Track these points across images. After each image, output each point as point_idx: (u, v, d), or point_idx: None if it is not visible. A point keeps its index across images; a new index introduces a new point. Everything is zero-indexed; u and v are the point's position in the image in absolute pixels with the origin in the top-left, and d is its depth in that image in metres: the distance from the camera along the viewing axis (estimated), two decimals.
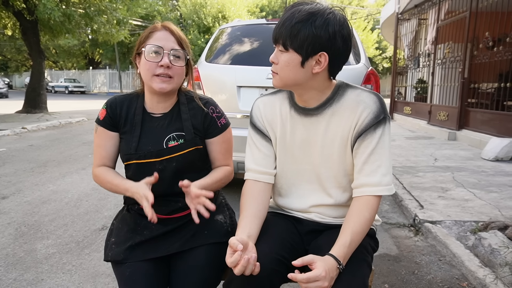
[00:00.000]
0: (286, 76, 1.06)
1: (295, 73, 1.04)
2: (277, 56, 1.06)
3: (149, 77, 1.20)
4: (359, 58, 3.12)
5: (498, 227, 2.44)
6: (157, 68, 1.18)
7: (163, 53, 1.18)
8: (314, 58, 1.02)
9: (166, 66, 1.18)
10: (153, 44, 1.18)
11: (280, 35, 1.02)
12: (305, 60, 1.02)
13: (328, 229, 1.17)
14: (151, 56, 1.18)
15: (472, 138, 6.13)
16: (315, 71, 1.04)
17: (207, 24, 21.72)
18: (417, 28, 9.42)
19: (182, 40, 1.23)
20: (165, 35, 1.21)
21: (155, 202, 1.26)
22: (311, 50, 1.00)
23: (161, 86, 1.19)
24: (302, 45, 1.00)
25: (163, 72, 1.18)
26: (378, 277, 2.14)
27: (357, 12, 29.17)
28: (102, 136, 1.27)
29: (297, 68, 1.03)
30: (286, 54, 1.03)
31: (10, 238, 2.62)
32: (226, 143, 1.33)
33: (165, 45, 1.19)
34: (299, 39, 0.99)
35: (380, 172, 1.05)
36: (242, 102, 3.06)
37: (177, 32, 1.22)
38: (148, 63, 1.19)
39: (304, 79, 1.06)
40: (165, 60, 1.18)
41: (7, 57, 30.72)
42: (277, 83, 1.10)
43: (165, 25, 1.23)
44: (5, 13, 10.73)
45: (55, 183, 4.03)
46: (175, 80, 1.22)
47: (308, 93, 1.10)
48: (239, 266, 0.92)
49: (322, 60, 1.02)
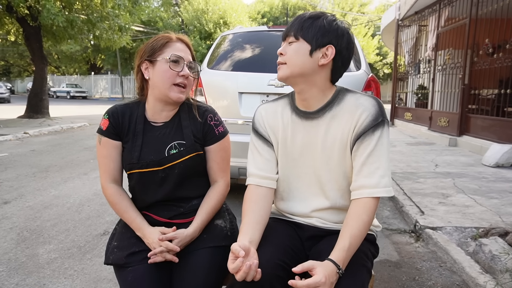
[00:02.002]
0: (294, 63, 1.10)
1: (303, 61, 1.09)
2: (285, 48, 1.12)
3: (168, 86, 1.22)
4: (360, 65, 3.14)
5: (499, 233, 2.44)
6: (177, 77, 1.22)
7: (184, 64, 1.23)
8: (322, 51, 1.08)
9: (187, 76, 1.23)
10: (175, 54, 1.22)
11: (291, 28, 1.11)
12: (313, 50, 1.08)
13: (329, 234, 1.18)
14: (173, 65, 1.22)
15: (473, 144, 6.14)
16: (321, 63, 1.09)
17: (208, 30, 21.83)
18: (417, 35, 9.47)
19: (193, 53, 1.30)
20: (183, 47, 1.26)
21: (157, 207, 1.28)
22: (320, 41, 1.08)
23: (178, 96, 1.24)
24: (313, 36, 1.08)
25: (183, 81, 1.23)
26: (379, 283, 2.14)
27: (357, 19, 29.32)
28: (108, 146, 1.27)
29: (305, 56, 1.09)
30: (296, 44, 1.10)
31: (12, 243, 2.63)
32: (223, 152, 1.34)
33: (184, 56, 1.24)
34: (311, 30, 1.08)
35: (378, 174, 1.07)
36: (243, 108, 3.07)
37: (190, 46, 1.30)
38: (170, 71, 1.22)
39: (310, 69, 1.10)
40: (186, 71, 1.23)
41: (9, 62, 30.92)
42: (284, 73, 1.12)
43: (180, 37, 1.28)
44: (9, 19, 10.82)
45: (57, 188, 4.04)
46: (187, 90, 1.27)
47: (310, 91, 1.13)
48: (240, 272, 0.93)
49: (329, 53, 1.08)
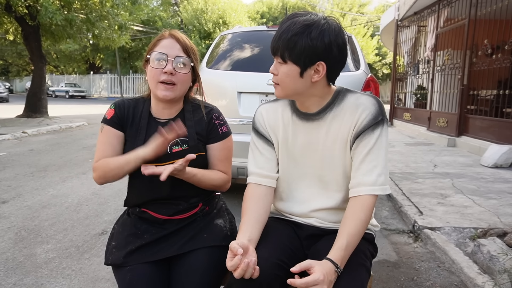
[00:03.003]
0: (287, 86, 1.10)
1: (294, 83, 1.08)
2: (276, 67, 1.10)
3: (154, 84, 1.23)
4: (359, 65, 3.14)
5: (497, 234, 2.45)
6: (161, 74, 1.21)
7: (167, 60, 1.21)
8: (312, 68, 1.06)
9: (170, 72, 1.20)
10: (158, 51, 1.22)
11: (278, 48, 1.06)
12: (303, 70, 1.06)
13: (327, 233, 1.18)
14: (156, 63, 1.21)
15: (472, 145, 6.15)
16: (314, 80, 1.07)
17: (207, 29, 21.84)
18: (416, 35, 9.49)
19: (188, 47, 1.25)
20: (171, 42, 1.23)
21: (157, 205, 1.28)
22: (308, 61, 1.04)
23: (164, 94, 1.22)
24: (300, 57, 1.03)
25: (167, 78, 1.21)
26: (377, 283, 2.14)
27: (357, 19, 29.36)
28: (108, 134, 1.27)
29: (296, 78, 1.07)
30: (285, 66, 1.07)
31: (10, 243, 2.62)
32: (226, 150, 1.34)
33: (169, 52, 1.21)
34: (296, 52, 1.03)
35: (376, 172, 1.08)
36: (242, 108, 3.07)
37: (183, 40, 1.25)
38: (153, 70, 1.22)
39: (304, 88, 1.09)
40: (168, 67, 1.20)
41: (8, 61, 30.83)
42: (280, 94, 1.13)
43: (171, 33, 1.26)
44: (7, 18, 10.79)
45: (55, 187, 4.03)
46: (179, 87, 1.24)
47: (309, 100, 1.14)
48: (239, 270, 0.93)
49: (320, 69, 1.06)
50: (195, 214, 1.30)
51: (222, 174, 1.33)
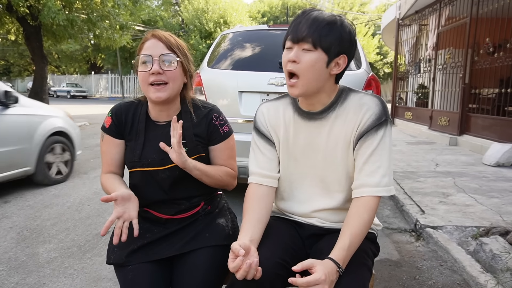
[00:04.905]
0: (310, 77, 1.05)
1: (319, 73, 1.05)
2: (298, 55, 1.04)
3: (145, 88, 1.21)
4: (360, 64, 3.14)
5: (499, 232, 2.44)
6: (150, 76, 1.18)
7: (152, 61, 1.18)
8: (335, 60, 1.06)
9: (157, 72, 1.18)
10: (142, 54, 1.20)
11: (308, 34, 1.02)
12: (330, 60, 1.05)
13: (329, 233, 1.18)
14: (142, 66, 1.20)
15: (473, 144, 6.13)
16: (333, 72, 1.08)
17: (208, 29, 21.82)
18: (417, 34, 9.46)
19: (172, 44, 1.22)
20: (154, 43, 1.21)
21: (159, 206, 1.28)
22: (335, 51, 1.04)
23: (156, 95, 1.19)
24: (330, 46, 1.03)
25: (156, 79, 1.18)
26: (379, 282, 2.14)
27: (358, 18, 29.28)
28: (108, 144, 1.29)
29: (321, 68, 1.05)
30: (312, 54, 1.03)
31: (12, 242, 2.63)
32: (229, 150, 1.34)
33: (153, 53, 1.19)
34: (329, 39, 1.03)
35: (380, 173, 1.06)
36: (243, 107, 3.07)
37: (165, 38, 1.22)
38: (141, 73, 1.20)
39: (324, 81, 1.08)
40: (154, 67, 1.18)
41: (9, 62, 30.87)
42: (298, 91, 1.08)
43: (153, 33, 1.24)
44: (9, 18, 10.82)
45: (57, 187, 4.04)
46: (171, 85, 1.21)
47: (318, 96, 1.12)
48: (241, 271, 0.93)
49: (341, 62, 1.07)
50: (197, 213, 1.30)
51: (228, 169, 1.32)
